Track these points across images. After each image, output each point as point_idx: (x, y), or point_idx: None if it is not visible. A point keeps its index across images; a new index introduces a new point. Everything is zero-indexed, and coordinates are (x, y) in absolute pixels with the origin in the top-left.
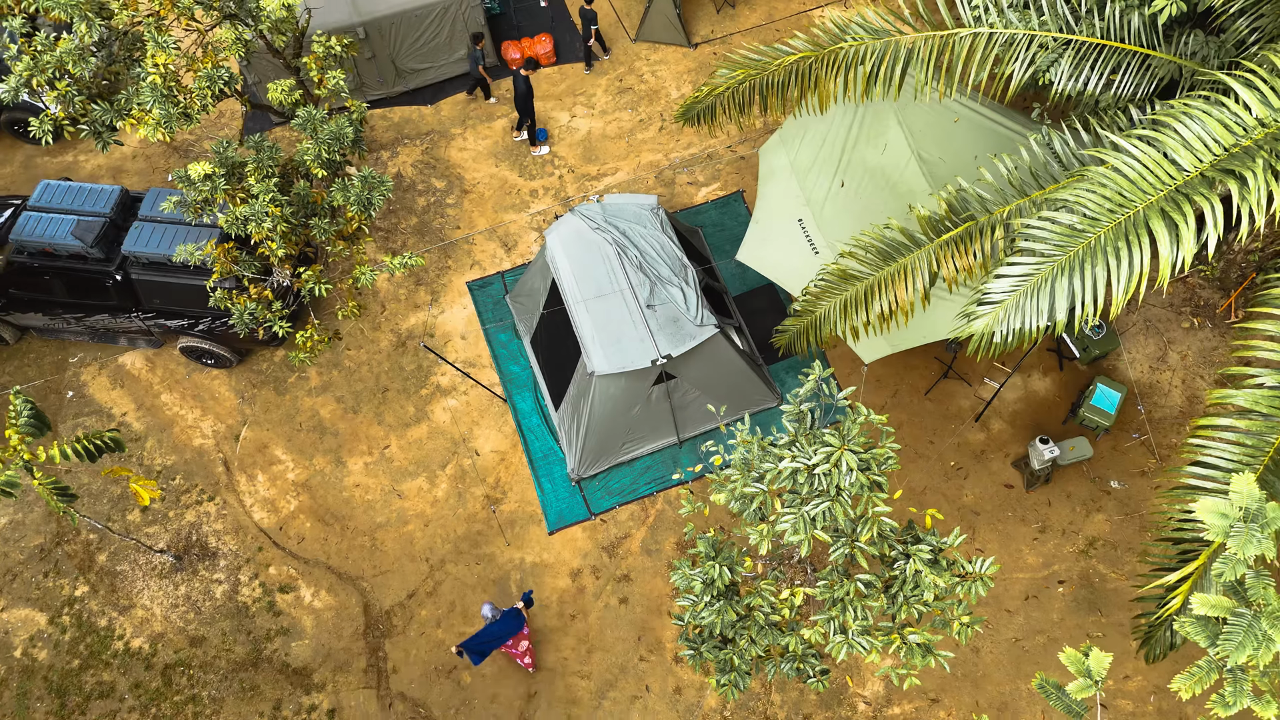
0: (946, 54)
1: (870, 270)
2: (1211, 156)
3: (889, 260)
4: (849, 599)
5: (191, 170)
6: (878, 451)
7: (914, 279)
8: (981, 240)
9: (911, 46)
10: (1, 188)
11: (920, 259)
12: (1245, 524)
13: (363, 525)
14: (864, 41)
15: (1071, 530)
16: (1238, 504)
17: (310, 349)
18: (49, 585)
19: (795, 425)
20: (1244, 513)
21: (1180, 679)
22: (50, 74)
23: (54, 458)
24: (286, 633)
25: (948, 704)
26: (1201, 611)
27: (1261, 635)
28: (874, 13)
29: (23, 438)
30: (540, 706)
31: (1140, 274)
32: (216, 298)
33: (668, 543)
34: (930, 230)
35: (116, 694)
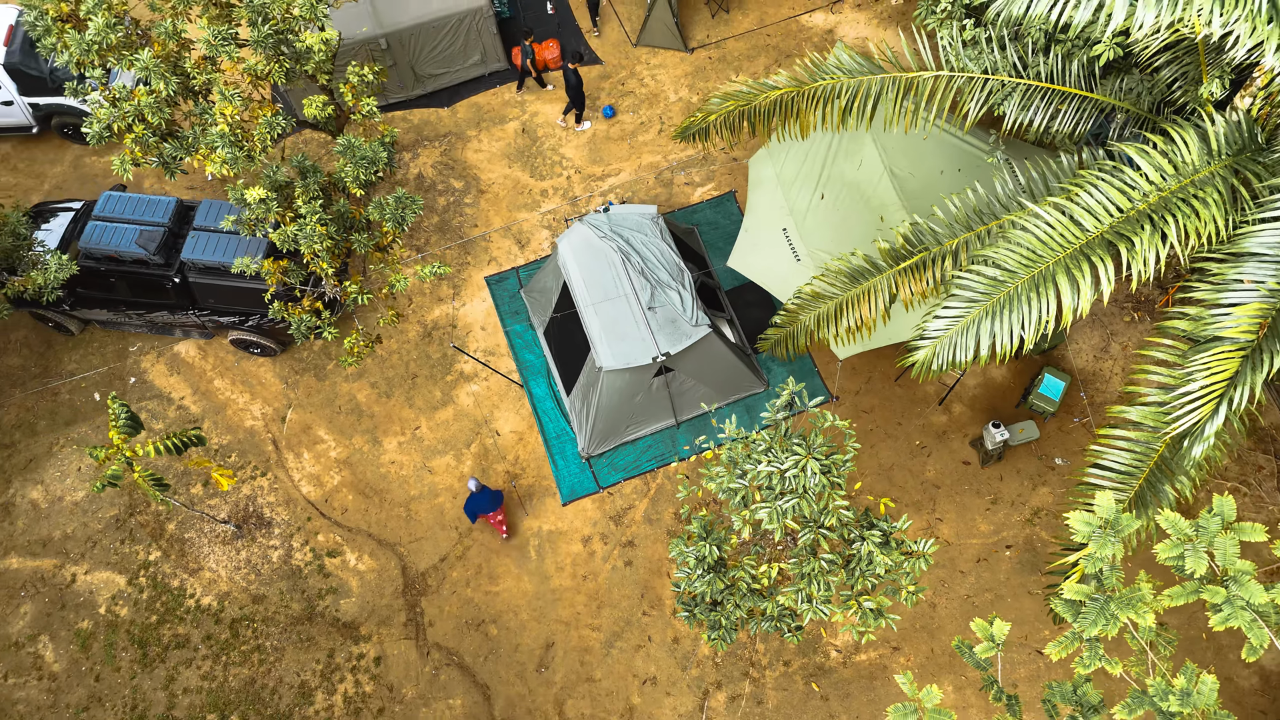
0: (912, 92)
1: (839, 291)
2: (1110, 219)
3: (856, 283)
4: (814, 574)
5: (248, 195)
6: (837, 458)
7: (876, 299)
8: (934, 268)
9: (881, 86)
10: (54, 186)
11: (881, 283)
12: (1103, 531)
13: (398, 497)
14: (840, 80)
15: (1019, 502)
16: (1100, 515)
17: (356, 353)
18: (126, 551)
19: (771, 435)
20: (1103, 522)
21: (1051, 646)
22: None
23: (149, 454)
24: (335, 591)
25: (907, 651)
26: (1068, 596)
27: (1110, 615)
28: (848, 55)
29: (124, 437)
30: (557, 654)
31: (1045, 319)
32: (274, 310)
33: (667, 513)
34: (889, 259)
35: (191, 644)
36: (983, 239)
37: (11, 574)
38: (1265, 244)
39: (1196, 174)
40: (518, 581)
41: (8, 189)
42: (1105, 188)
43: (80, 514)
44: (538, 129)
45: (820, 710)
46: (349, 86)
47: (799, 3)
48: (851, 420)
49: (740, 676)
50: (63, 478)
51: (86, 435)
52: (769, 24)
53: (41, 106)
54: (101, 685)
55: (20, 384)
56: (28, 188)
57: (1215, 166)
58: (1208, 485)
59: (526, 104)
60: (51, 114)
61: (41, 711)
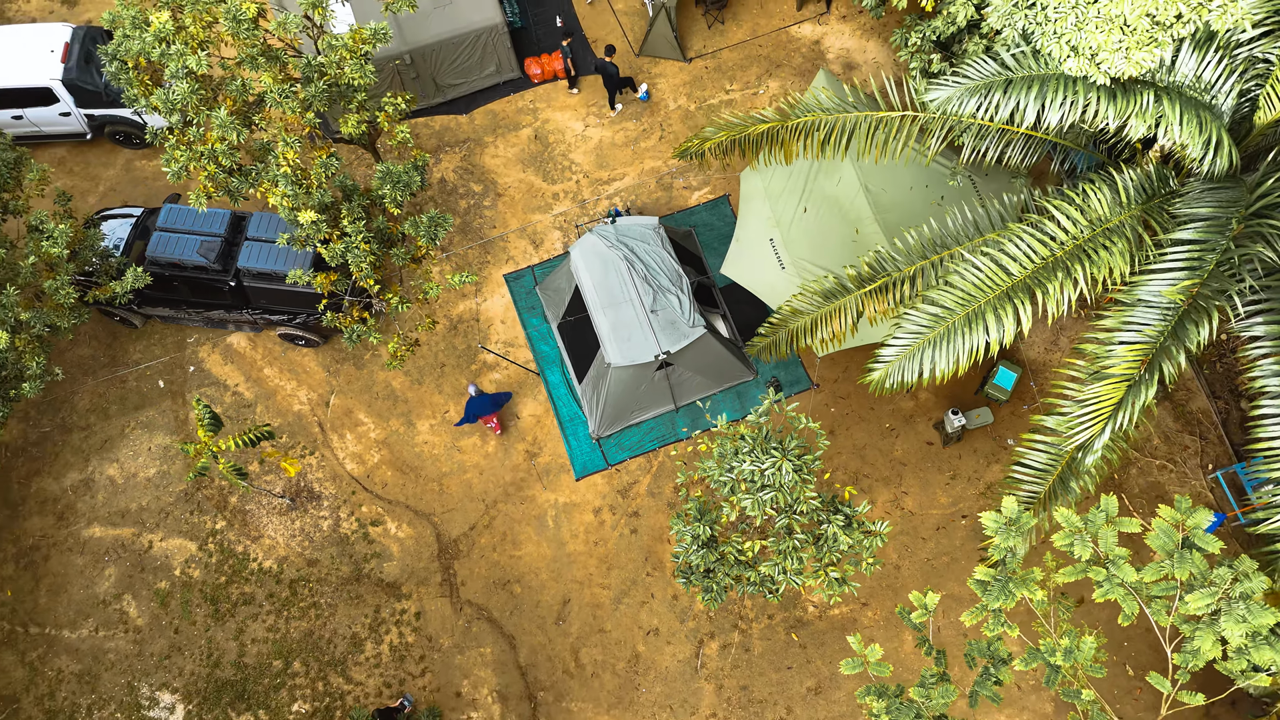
0: (881, 128)
1: (814, 308)
2: (1032, 265)
3: (829, 301)
4: (789, 550)
5: (301, 217)
6: (808, 458)
7: (845, 315)
8: (894, 290)
9: (854, 123)
10: (108, 188)
11: (850, 302)
12: (1007, 527)
13: (431, 474)
14: (818, 116)
15: (975, 478)
16: (1005, 514)
17: (400, 356)
18: (195, 521)
19: (754, 437)
20: (1007, 520)
21: (965, 615)
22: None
23: (230, 448)
24: (379, 556)
25: (874, 606)
26: (979, 577)
27: (1008, 592)
28: (825, 95)
29: (210, 435)
30: (573, 609)
31: (976, 350)
32: (328, 319)
33: (667, 487)
34: (856, 283)
35: (255, 601)
36: (936, 266)
37: (95, 541)
38: (1152, 292)
39: (1107, 223)
40: (537, 547)
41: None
42: (1028, 238)
43: (152, 488)
44: (549, 135)
45: (799, 656)
46: (385, 116)
47: (789, 15)
48: (830, 404)
49: (730, 628)
50: (135, 456)
51: (154, 419)
52: (761, 35)
53: (96, 117)
54: (180, 637)
55: (91, 372)
56: (84, 189)
57: (1124, 215)
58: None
59: (539, 111)
60: (105, 123)
61: (129, 659)
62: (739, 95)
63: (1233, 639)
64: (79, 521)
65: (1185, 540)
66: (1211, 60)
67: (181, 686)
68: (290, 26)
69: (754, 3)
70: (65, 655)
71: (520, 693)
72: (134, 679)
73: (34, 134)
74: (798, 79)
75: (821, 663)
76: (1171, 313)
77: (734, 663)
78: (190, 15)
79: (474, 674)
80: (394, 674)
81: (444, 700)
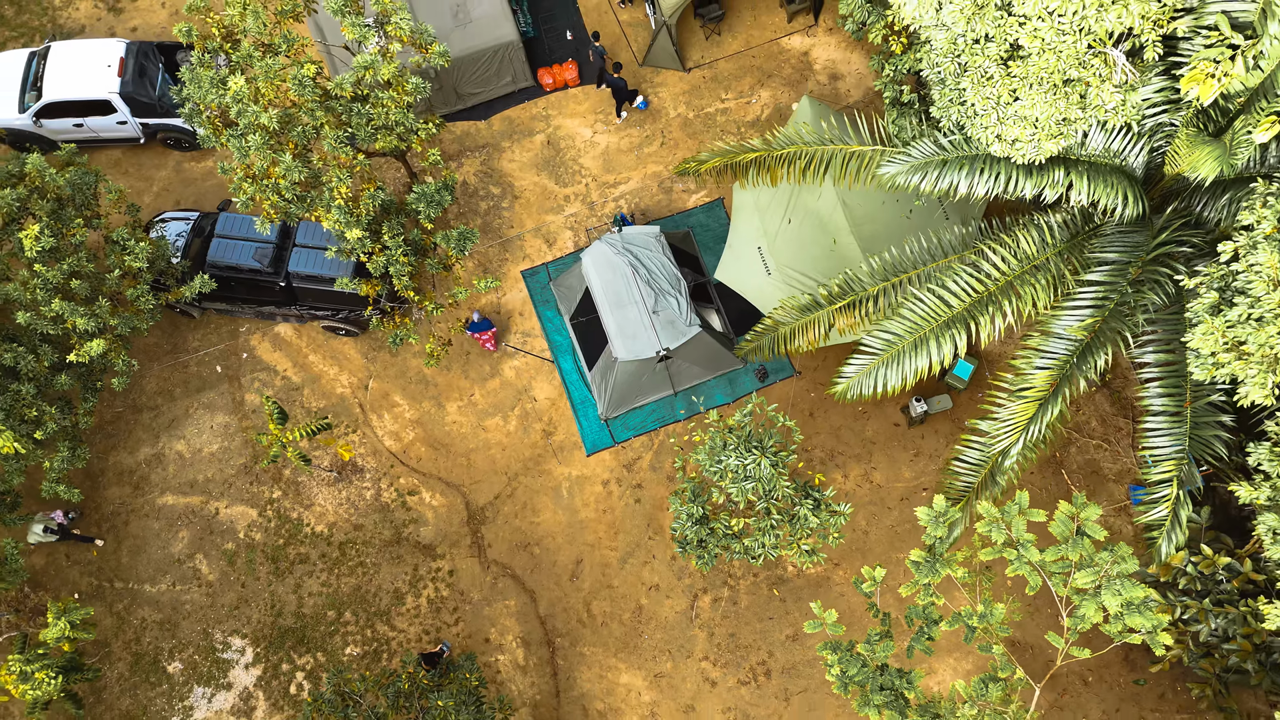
0: (854, 160)
1: (792, 320)
2: (968, 299)
3: (805, 315)
4: (767, 528)
5: (349, 234)
6: (783, 455)
7: (819, 327)
8: (860, 307)
9: (830, 154)
10: (161, 188)
11: (822, 316)
12: (937, 519)
13: (460, 450)
14: (800, 148)
15: (935, 455)
16: (935, 508)
17: (436, 356)
18: (254, 491)
19: (739, 436)
20: (937, 513)
21: (904, 588)
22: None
23: (296, 438)
24: (416, 522)
25: (845, 567)
26: (912, 558)
27: (935, 570)
28: (805, 130)
29: (279, 428)
30: (584, 568)
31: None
32: (375, 323)
33: (666, 463)
34: (827, 300)
35: (310, 561)
36: (896, 288)
37: (169, 508)
38: (1064, 326)
39: (1034, 261)
40: (554, 514)
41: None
42: (966, 276)
43: (216, 462)
44: (560, 141)
45: (780, 608)
46: (418, 140)
47: (780, 27)
48: (810, 390)
49: (720, 585)
50: (199, 433)
51: (214, 400)
52: (754, 46)
53: (150, 125)
54: (246, 590)
55: (157, 359)
56: (140, 189)
57: (1050, 253)
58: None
59: (551, 118)
60: (157, 130)
61: (203, 610)
62: (733, 104)
63: (1111, 608)
64: (153, 491)
65: (1079, 529)
66: (1118, 135)
67: (250, 633)
68: (346, 85)
69: (748, 15)
70: (147, 606)
71: (540, 639)
72: (208, 626)
73: (92, 138)
74: (787, 89)
75: (798, 614)
76: (1077, 344)
77: (723, 614)
78: (264, 81)
79: (500, 623)
80: (431, 623)
81: (475, 645)
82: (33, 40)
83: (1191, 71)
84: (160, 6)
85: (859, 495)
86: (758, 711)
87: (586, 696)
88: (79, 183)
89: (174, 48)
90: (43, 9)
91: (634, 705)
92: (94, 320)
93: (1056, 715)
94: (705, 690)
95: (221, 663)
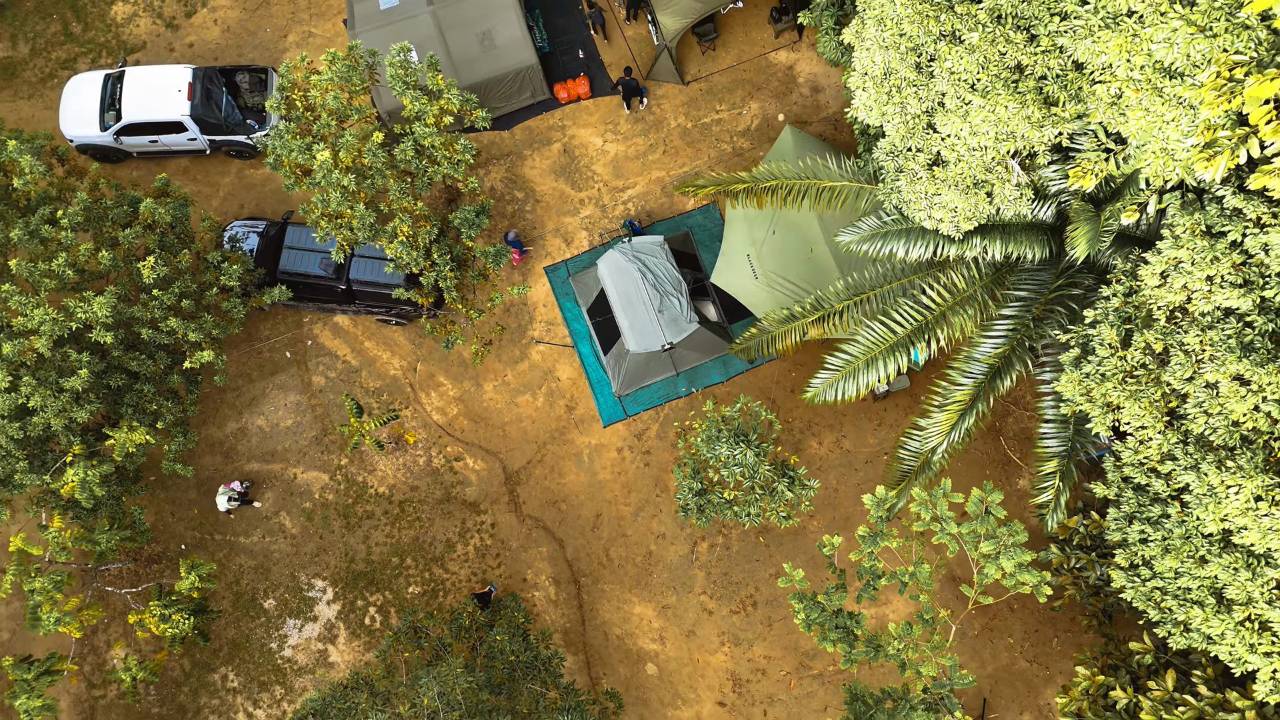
0: (826, 192)
1: (774, 329)
2: (910, 326)
3: (784, 325)
4: (751, 500)
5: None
6: (764, 446)
7: (795, 335)
8: (828, 321)
9: (806, 187)
10: (226, 193)
11: (796, 327)
12: (878, 504)
13: (496, 422)
14: (781, 181)
15: (896, 425)
16: (877, 495)
17: (480, 355)
18: (324, 458)
19: (728, 430)
20: (879, 499)
21: (853, 554)
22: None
23: (372, 427)
24: (462, 483)
25: (819, 518)
26: (860, 533)
27: (876, 542)
28: (784, 166)
29: (358, 420)
30: (603, 521)
31: (872, 382)
32: (428, 330)
33: (670, 433)
34: (802, 313)
35: (375, 517)
36: (857, 305)
37: (255, 473)
38: (981, 353)
39: (964, 294)
40: (576, 476)
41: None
42: (907, 308)
43: (291, 435)
44: (575, 149)
45: (765, 552)
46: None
47: (768, 42)
48: (791, 370)
49: (716, 534)
50: (275, 410)
51: (285, 381)
52: (744, 60)
53: (217, 141)
54: (324, 542)
55: (235, 346)
56: (207, 194)
57: (976, 286)
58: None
59: (566, 128)
60: (222, 145)
61: (289, 557)
62: (726, 115)
63: (1007, 568)
64: (240, 459)
65: (986, 509)
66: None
67: (329, 575)
68: (409, 151)
69: (739, 31)
70: (243, 555)
71: (568, 578)
72: (294, 570)
73: (164, 151)
74: (774, 100)
75: (780, 557)
76: (991, 368)
77: (718, 557)
78: (344, 152)
79: (535, 566)
80: (478, 566)
81: (515, 584)
82: (99, 55)
83: (1074, 169)
84: (213, 24)
85: (831, 459)
86: (746, 635)
87: (607, 624)
88: (178, 214)
89: (233, 70)
90: (106, 26)
91: (646, 630)
92: (201, 332)
93: (988, 635)
94: (704, 618)
95: (307, 600)
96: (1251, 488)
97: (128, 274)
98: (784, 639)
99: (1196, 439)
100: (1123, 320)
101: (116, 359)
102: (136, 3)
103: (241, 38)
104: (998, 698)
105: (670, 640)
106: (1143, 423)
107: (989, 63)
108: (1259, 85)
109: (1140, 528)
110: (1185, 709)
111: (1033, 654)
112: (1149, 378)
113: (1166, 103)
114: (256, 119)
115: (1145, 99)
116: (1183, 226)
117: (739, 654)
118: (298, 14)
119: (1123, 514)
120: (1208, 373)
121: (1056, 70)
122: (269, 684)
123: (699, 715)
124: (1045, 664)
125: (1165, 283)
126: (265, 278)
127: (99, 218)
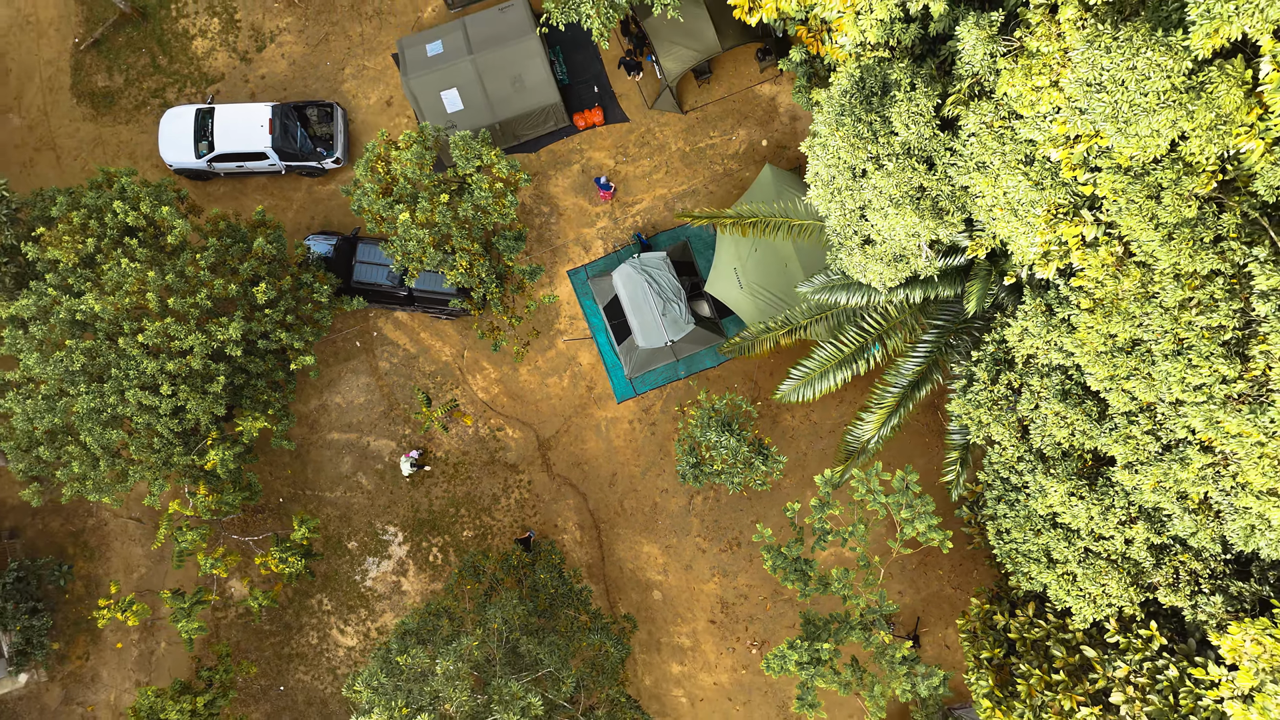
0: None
1: (754, 338)
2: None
3: (762, 335)
4: (734, 473)
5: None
6: (744, 433)
7: (771, 342)
8: (797, 332)
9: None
10: (299, 207)
11: (773, 337)
12: (824, 482)
13: (530, 400)
14: (762, 217)
15: (855, 401)
16: (827, 475)
17: (520, 354)
18: (391, 429)
19: (717, 419)
20: (828, 477)
21: (806, 519)
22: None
23: (437, 414)
24: (504, 448)
25: (791, 476)
26: (811, 504)
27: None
28: (761, 206)
29: (428, 409)
30: (618, 479)
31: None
32: (480, 335)
33: (672, 409)
34: (776, 327)
35: (435, 475)
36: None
37: (336, 442)
38: (906, 369)
39: (896, 319)
40: (596, 444)
41: (270, 209)
42: (851, 331)
43: (363, 410)
44: (591, 170)
45: (747, 504)
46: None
47: (754, 76)
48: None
49: (708, 490)
50: (350, 390)
51: (357, 366)
52: (734, 93)
53: (291, 165)
54: (394, 496)
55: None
56: (282, 207)
57: (906, 314)
58: None
59: (584, 151)
60: (295, 168)
61: (366, 510)
62: (719, 140)
63: (920, 528)
64: (323, 430)
65: (906, 486)
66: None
67: (399, 523)
68: (468, 210)
69: (730, 66)
70: (329, 507)
71: (590, 525)
72: (371, 519)
73: (247, 172)
74: (758, 128)
75: (759, 508)
76: (912, 382)
77: (710, 507)
78: (420, 213)
79: (564, 515)
80: (518, 516)
81: (548, 530)
82: (184, 85)
83: (972, 242)
84: (280, 58)
85: (802, 429)
86: (732, 568)
87: (622, 560)
88: (277, 243)
89: (304, 105)
90: (189, 59)
91: (653, 565)
92: (302, 340)
93: (923, 568)
94: (699, 555)
95: (382, 542)
96: (1065, 488)
97: (244, 296)
98: (762, 572)
99: (1036, 451)
100: (994, 363)
101: (240, 364)
102: (214, 38)
103: (305, 70)
104: (929, 615)
105: (672, 572)
106: (1002, 438)
107: (901, 184)
108: (1067, 227)
109: (1003, 508)
110: (1038, 629)
111: (957, 582)
112: (1007, 405)
113: (1019, 222)
114: (325, 146)
115: (1006, 216)
116: (1031, 304)
117: (726, 583)
118: (352, 49)
119: (993, 496)
120: (1043, 407)
121: (948, 193)
122: (355, 607)
123: (695, 630)
124: (966, 590)
125: (1021, 340)
126: (340, 286)
127: (223, 256)
